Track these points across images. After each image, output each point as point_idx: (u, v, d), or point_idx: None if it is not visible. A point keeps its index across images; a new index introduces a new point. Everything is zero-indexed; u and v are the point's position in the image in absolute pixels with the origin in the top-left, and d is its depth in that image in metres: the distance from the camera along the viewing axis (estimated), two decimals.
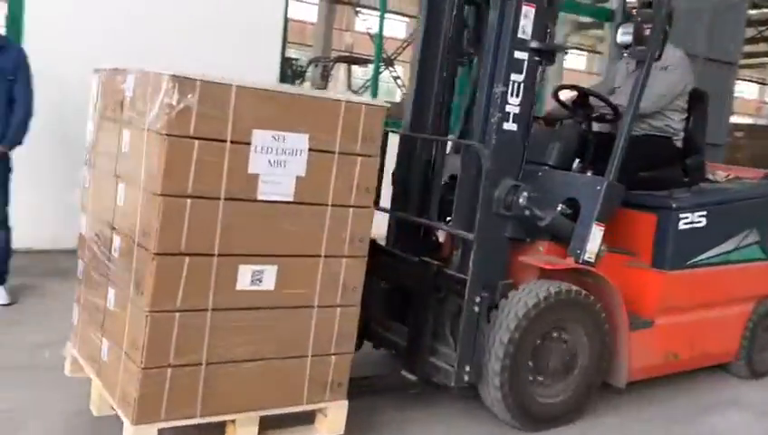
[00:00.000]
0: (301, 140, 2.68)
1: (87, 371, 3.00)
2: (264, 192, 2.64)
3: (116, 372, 2.68)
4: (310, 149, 2.71)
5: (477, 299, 3.19)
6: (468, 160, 3.36)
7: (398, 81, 19.25)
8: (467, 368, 3.21)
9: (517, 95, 3.34)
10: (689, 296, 3.90)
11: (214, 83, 2.49)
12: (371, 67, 10.68)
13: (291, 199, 2.70)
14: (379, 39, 9.82)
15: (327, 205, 2.79)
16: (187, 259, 2.53)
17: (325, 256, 2.82)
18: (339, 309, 2.89)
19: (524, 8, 3.28)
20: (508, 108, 3.33)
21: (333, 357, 2.90)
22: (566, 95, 3.99)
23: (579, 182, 3.58)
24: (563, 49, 4.03)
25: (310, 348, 2.84)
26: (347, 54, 16.62)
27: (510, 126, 3.35)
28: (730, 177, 4.68)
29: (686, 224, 3.81)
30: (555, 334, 3.39)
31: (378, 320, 3.68)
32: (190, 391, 2.61)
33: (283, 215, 2.70)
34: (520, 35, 3.31)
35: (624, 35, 3.76)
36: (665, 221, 3.78)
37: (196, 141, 2.48)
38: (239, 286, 2.65)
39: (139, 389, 2.51)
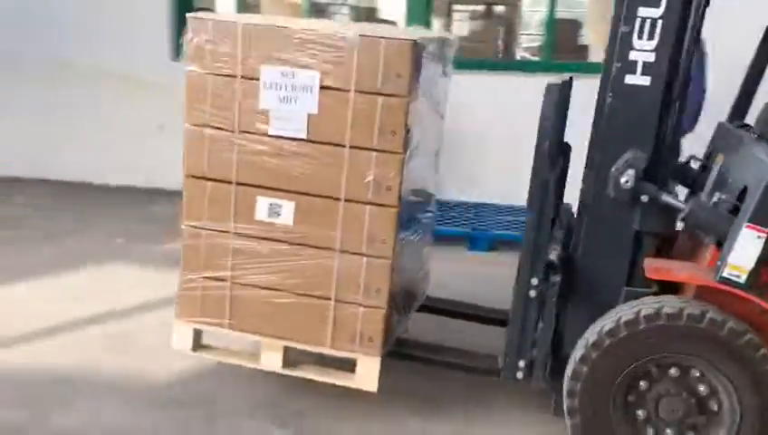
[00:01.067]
0: (311, 77, 2.64)
1: None
2: (276, 127, 2.71)
3: None
4: (321, 87, 2.64)
5: (534, 281, 2.50)
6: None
7: None
8: (521, 363, 2.58)
9: (650, 38, 2.42)
10: None
11: (223, 22, 2.70)
12: None
13: (304, 137, 2.69)
14: None
15: (344, 146, 2.66)
16: (209, 184, 2.83)
17: (345, 200, 2.70)
18: (365, 259, 2.73)
19: None
20: (633, 55, 2.45)
21: (361, 308, 2.77)
22: None
23: (758, 165, 2.35)
24: None
25: (333, 292, 2.78)
26: None
27: (636, 79, 2.46)
28: None
29: None
30: (668, 372, 2.40)
31: None
32: (219, 303, 2.91)
33: (296, 152, 2.71)
34: None
35: None
36: None
37: (210, 77, 2.74)
38: (258, 216, 2.80)
39: (179, 290, 2.96)
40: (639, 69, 2.46)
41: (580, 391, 2.43)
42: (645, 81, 2.46)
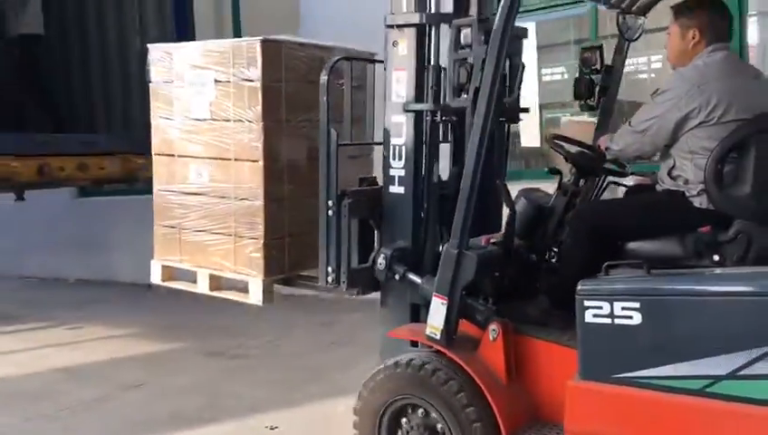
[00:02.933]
0: (209, 74, 3.79)
1: None
2: (194, 113, 3.89)
3: None
4: (215, 81, 3.77)
5: (330, 203, 3.30)
6: None
7: None
8: (329, 269, 3.33)
9: (400, 159, 3.25)
10: (613, 428, 2.58)
11: (162, 47, 3.98)
12: None
13: (209, 117, 3.83)
14: None
15: (230, 120, 3.75)
16: (163, 158, 4.07)
17: (235, 160, 3.76)
18: (247, 202, 3.74)
19: (395, 73, 3.24)
20: (392, 171, 3.29)
21: (247, 240, 3.75)
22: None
23: None
24: (449, 110, 2.62)
25: (233, 229, 3.81)
26: None
27: (395, 189, 3.28)
28: None
29: (596, 317, 2.57)
30: (410, 412, 2.99)
31: None
32: (174, 244, 4.07)
33: (206, 129, 3.85)
34: (394, 99, 3.25)
35: None
36: (577, 309, 2.64)
37: (160, 82, 4.02)
38: (190, 180, 3.96)
39: (154, 237, 4.19)
40: (397, 181, 3.28)
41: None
42: (401, 190, 3.27)
